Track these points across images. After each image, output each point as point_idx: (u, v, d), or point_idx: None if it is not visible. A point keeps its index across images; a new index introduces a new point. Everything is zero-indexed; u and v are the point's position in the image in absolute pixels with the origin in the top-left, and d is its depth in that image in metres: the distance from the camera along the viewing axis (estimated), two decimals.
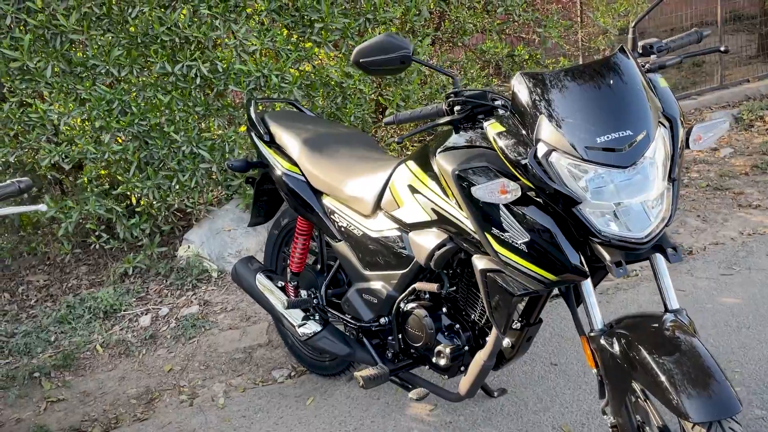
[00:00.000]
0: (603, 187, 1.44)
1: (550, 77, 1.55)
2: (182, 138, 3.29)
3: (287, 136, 2.39)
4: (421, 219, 1.90)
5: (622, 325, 1.55)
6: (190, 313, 3.22)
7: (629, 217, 1.44)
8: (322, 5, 3.26)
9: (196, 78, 3.24)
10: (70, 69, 3.13)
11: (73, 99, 3.17)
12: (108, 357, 3.00)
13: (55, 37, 3.08)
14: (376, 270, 2.12)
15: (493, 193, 1.54)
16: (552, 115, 1.49)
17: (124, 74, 3.20)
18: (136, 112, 3.21)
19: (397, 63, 1.68)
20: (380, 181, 2.07)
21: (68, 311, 3.31)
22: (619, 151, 1.42)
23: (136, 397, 2.71)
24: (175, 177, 3.36)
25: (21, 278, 3.75)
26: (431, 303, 2.01)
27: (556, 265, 1.55)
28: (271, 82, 3.25)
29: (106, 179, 3.50)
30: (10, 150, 3.12)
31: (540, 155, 1.49)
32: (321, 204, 2.29)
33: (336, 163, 2.25)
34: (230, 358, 2.88)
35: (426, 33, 3.63)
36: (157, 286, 3.53)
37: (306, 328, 2.29)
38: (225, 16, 3.20)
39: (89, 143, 3.20)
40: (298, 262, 2.48)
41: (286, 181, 2.33)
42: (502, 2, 3.75)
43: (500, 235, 1.60)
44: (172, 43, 3.20)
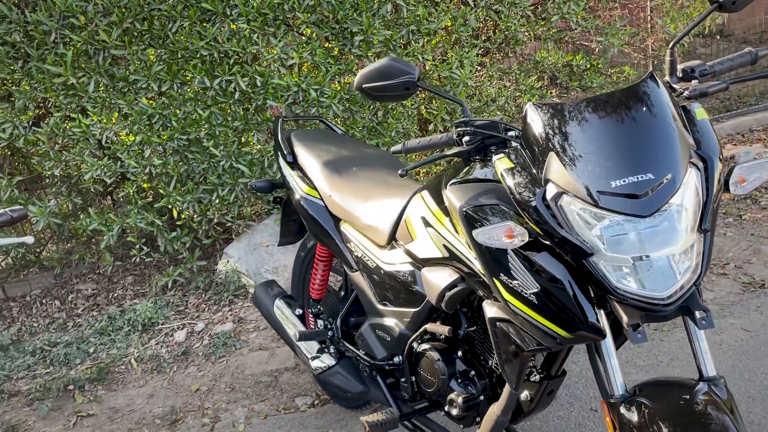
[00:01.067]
0: (620, 236, 1.24)
1: (567, 108, 1.36)
2: (221, 152, 3.27)
3: (308, 157, 2.29)
4: (433, 255, 1.74)
5: (647, 392, 1.34)
6: (224, 330, 3.18)
7: (650, 273, 1.24)
8: (363, 17, 3.15)
9: (234, 92, 3.21)
10: (112, 84, 3.17)
11: (116, 113, 3.20)
12: (141, 372, 3.01)
13: (97, 53, 3.12)
14: (389, 305, 1.98)
15: (498, 238, 1.37)
16: (564, 152, 1.30)
17: (165, 89, 3.20)
18: (177, 126, 3.21)
19: (401, 89, 1.54)
20: (396, 211, 1.93)
21: (109, 323, 3.35)
22: (638, 197, 1.22)
23: (161, 417, 2.68)
24: (215, 191, 3.34)
25: (72, 286, 3.85)
26: (445, 345, 1.85)
27: (570, 321, 1.36)
28: (310, 97, 3.17)
29: (149, 193, 3.53)
30: (55, 164, 3.18)
31: (549, 197, 1.31)
32: (339, 231, 2.17)
33: (354, 187, 2.12)
34: (256, 381, 2.81)
35: (474, 43, 3.44)
36: (196, 299, 3.53)
37: (319, 362, 2.17)
38: (264, 30, 3.15)
39: (131, 157, 3.23)
40: (318, 289, 2.37)
41: (305, 205, 2.23)
42: (558, 10, 3.51)
43: (509, 282, 1.43)
44: (211, 58, 3.18)
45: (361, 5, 3.16)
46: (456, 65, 3.34)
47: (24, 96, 3.09)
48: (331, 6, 3.17)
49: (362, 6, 3.16)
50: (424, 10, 3.23)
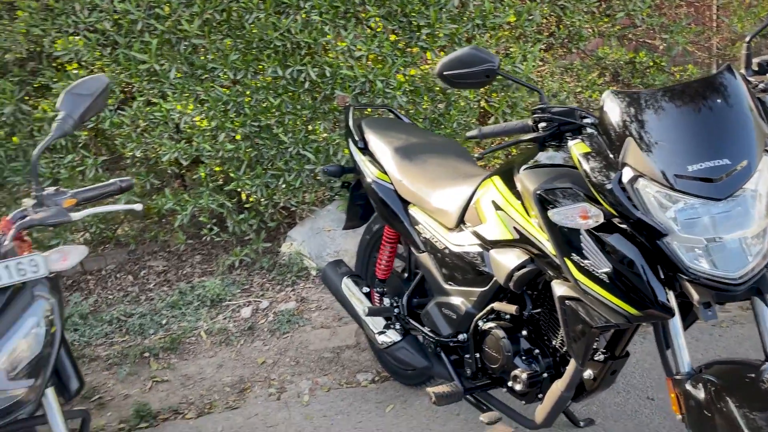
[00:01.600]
0: (694, 219, 1.31)
1: (644, 96, 1.43)
2: (290, 139, 3.42)
3: (379, 143, 2.40)
4: (502, 237, 1.83)
5: (712, 370, 1.41)
6: (287, 308, 3.34)
7: (722, 254, 1.30)
8: (430, 11, 3.24)
9: (305, 82, 3.35)
10: (191, 71, 3.35)
11: (193, 99, 3.38)
12: (210, 344, 3.19)
13: (179, 42, 3.30)
14: (456, 285, 2.08)
15: (573, 218, 1.46)
16: (641, 137, 1.38)
17: (240, 77, 3.37)
18: (249, 113, 3.37)
19: (481, 77, 1.63)
20: (465, 195, 2.02)
21: (180, 297, 3.55)
22: (713, 181, 1.28)
23: (230, 386, 2.85)
24: (282, 176, 3.49)
25: (144, 263, 4.07)
26: (511, 324, 1.94)
27: (640, 300, 1.44)
28: (376, 87, 3.29)
29: (220, 176, 3.71)
30: (136, 145, 3.39)
31: (625, 180, 1.38)
32: (407, 214, 2.28)
33: (424, 173, 2.23)
34: (319, 357, 2.95)
35: (538, 38, 3.49)
36: (261, 279, 3.69)
37: (385, 337, 2.29)
38: (335, 23, 3.28)
39: (205, 141, 3.41)
40: (384, 270, 2.48)
41: (375, 189, 2.35)
42: (623, 6, 3.53)
43: (580, 261, 1.51)
44: (284, 48, 3.33)
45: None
46: (519, 59, 3.40)
47: (111, 81, 3.30)
48: (399, 0, 3.28)
49: (429, 0, 3.26)
50: (490, 4, 3.30)
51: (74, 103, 1.60)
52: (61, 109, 1.59)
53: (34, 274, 1.38)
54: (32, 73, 3.38)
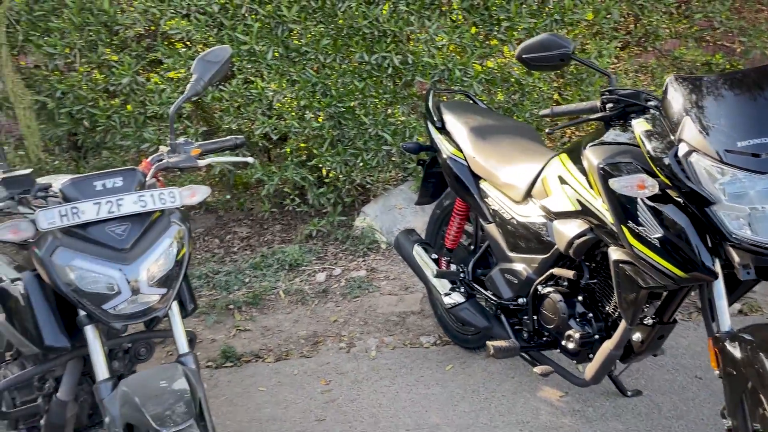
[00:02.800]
0: (740, 191, 1.48)
1: (704, 81, 1.60)
2: (370, 121, 3.68)
3: (456, 123, 2.62)
4: (566, 209, 2.02)
5: (749, 330, 1.57)
6: (358, 276, 3.61)
7: (764, 223, 1.46)
8: (511, 5, 3.43)
9: (388, 68, 3.60)
10: (286, 54, 3.66)
11: (286, 80, 3.70)
12: (287, 302, 3.50)
13: (278, 26, 3.62)
14: (519, 253, 2.28)
15: (631, 187, 1.64)
16: (697, 117, 1.55)
17: (329, 61, 3.66)
18: (335, 95, 3.65)
19: (556, 60, 1.83)
20: (534, 171, 2.22)
21: (261, 260, 3.88)
22: (760, 156, 1.45)
23: (304, 338, 3.14)
24: (360, 155, 3.76)
25: (229, 228, 4.45)
26: (568, 290, 2.13)
27: (687, 263, 1.61)
28: (455, 76, 3.51)
29: (304, 152, 4.02)
30: (233, 119, 3.73)
31: (681, 154, 1.56)
32: (478, 187, 2.49)
33: (496, 151, 2.44)
34: (386, 319, 3.21)
35: (614, 36, 3.62)
36: (335, 249, 3.98)
37: (451, 298, 2.52)
38: (420, 13, 3.52)
39: (294, 119, 3.72)
40: (453, 239, 2.71)
41: (450, 164, 2.57)
42: (702, 8, 3.61)
43: (635, 228, 1.69)
44: (372, 36, 3.59)
45: None
46: (595, 55, 3.55)
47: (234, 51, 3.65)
48: None
49: None
50: (570, 1, 3.46)
51: (204, 67, 1.90)
52: (195, 73, 1.89)
53: (172, 203, 1.68)
54: (147, 49, 3.77)
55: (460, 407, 2.49)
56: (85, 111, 3.71)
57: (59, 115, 3.76)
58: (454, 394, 2.58)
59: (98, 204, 1.58)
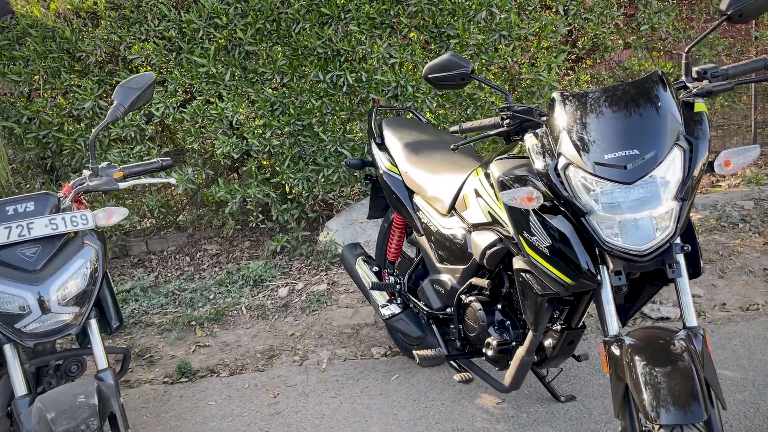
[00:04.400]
0: (611, 201, 1.55)
1: (586, 96, 1.68)
2: (329, 138, 3.77)
3: (393, 139, 2.71)
4: (480, 220, 2.10)
5: (634, 334, 1.63)
6: (319, 290, 3.69)
7: (632, 231, 1.53)
8: (459, 22, 3.52)
9: (343, 86, 3.70)
10: (244, 75, 3.77)
11: (245, 100, 3.80)
12: (249, 317, 3.57)
13: (234, 48, 3.73)
14: (445, 264, 2.36)
15: (519, 200, 1.71)
16: (574, 131, 1.63)
17: (286, 81, 3.76)
18: (294, 113, 3.75)
19: (457, 79, 1.91)
20: (457, 184, 2.30)
21: (227, 276, 3.97)
22: (625, 167, 1.52)
23: (261, 352, 3.22)
24: (321, 171, 3.85)
25: (200, 246, 4.54)
26: (488, 299, 2.20)
27: (573, 270, 1.68)
28: (407, 92, 3.60)
29: (268, 169, 4.11)
30: (194, 139, 3.83)
31: (560, 167, 1.63)
32: (412, 202, 2.57)
33: (427, 165, 2.52)
34: (340, 332, 3.28)
35: (562, 49, 3.70)
36: (299, 264, 4.06)
37: (387, 309, 2.59)
38: (372, 32, 3.61)
39: (255, 138, 3.82)
40: (394, 252, 2.78)
41: (386, 179, 2.65)
42: (648, 19, 3.69)
43: (529, 238, 1.76)
44: (326, 55, 3.69)
45: (458, 12, 3.54)
46: (544, 69, 3.63)
47: (175, 82, 3.77)
48: (431, 12, 3.58)
49: (459, 12, 3.54)
50: (516, 17, 3.55)
51: (126, 94, 2.00)
52: (115, 99, 1.99)
53: (84, 225, 1.77)
54: (109, 74, 3.89)
55: (400, 416, 2.56)
56: (51, 135, 3.82)
57: (27, 140, 3.88)
58: (395, 403, 2.64)
59: (8, 228, 1.67)
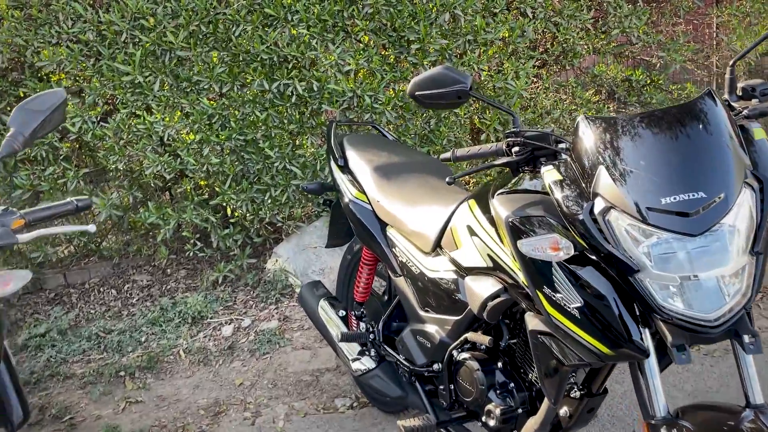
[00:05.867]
0: (668, 255, 1.23)
1: (620, 122, 1.35)
2: (276, 154, 3.35)
3: (358, 162, 2.33)
4: (477, 264, 1.75)
5: (689, 416, 1.31)
6: (269, 328, 3.25)
7: (697, 294, 1.21)
8: (420, 26, 3.18)
9: (291, 96, 3.28)
10: (176, 84, 3.29)
11: (178, 112, 3.33)
12: (188, 363, 3.10)
13: (164, 54, 3.25)
14: (431, 312, 1.99)
15: (543, 250, 1.37)
16: (614, 166, 1.29)
17: (226, 90, 3.31)
18: (235, 126, 3.31)
19: (453, 97, 1.56)
20: (442, 218, 1.94)
21: (161, 314, 3.47)
22: (688, 215, 1.20)
23: (204, 408, 2.76)
24: (268, 191, 3.42)
25: (128, 277, 4.00)
26: (486, 355, 1.85)
27: (613, 338, 1.35)
28: (364, 103, 3.22)
29: (205, 190, 3.64)
30: (119, 158, 3.32)
31: (596, 212, 1.30)
32: (385, 235, 2.20)
33: (402, 193, 2.15)
34: (298, 380, 2.86)
35: (530, 55, 3.42)
36: (245, 296, 3.61)
37: (360, 364, 2.20)
38: (323, 36, 3.22)
39: (190, 155, 3.34)
40: (362, 292, 2.40)
41: (353, 208, 2.27)
42: (619, 23, 3.46)
43: (552, 295, 1.42)
44: (271, 62, 3.27)
45: (419, 14, 3.20)
46: (511, 76, 3.33)
47: (94, 92, 3.25)
48: (389, 14, 3.22)
49: (420, 15, 3.19)
50: (482, 20, 3.23)
51: (26, 119, 1.53)
52: (11, 126, 1.52)
53: None
54: (14, 84, 3.33)
55: None
56: None
57: None
58: None
59: None
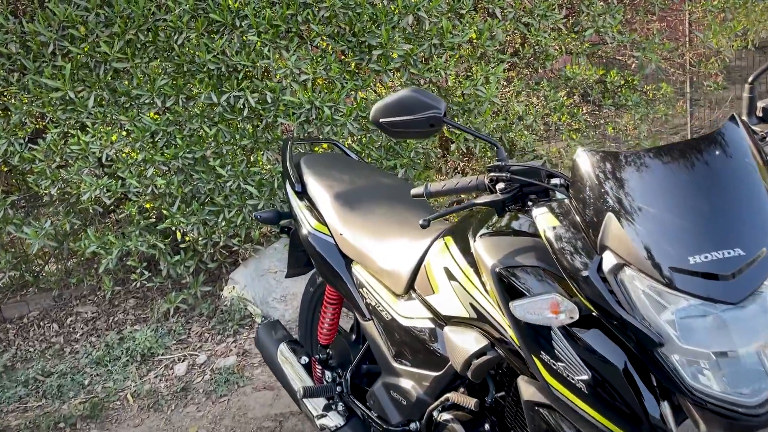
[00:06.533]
0: (699, 325, 1.00)
1: (629, 159, 1.12)
2: (229, 172, 3.06)
3: (318, 187, 2.06)
4: (457, 313, 1.50)
5: None
6: (227, 365, 2.97)
7: (736, 372, 0.99)
8: (382, 30, 2.92)
9: (243, 109, 2.99)
10: (113, 99, 2.97)
11: (117, 130, 3.01)
12: (137, 409, 2.80)
13: (98, 66, 2.92)
14: (406, 364, 1.74)
15: (540, 312, 1.13)
16: (626, 213, 1.06)
17: (170, 104, 3.00)
18: (181, 144, 3.01)
19: (425, 125, 1.31)
20: (415, 256, 1.69)
21: (106, 352, 3.15)
22: (723, 278, 0.97)
23: None
24: (221, 213, 3.13)
25: (71, 309, 3.66)
26: (470, 416, 1.61)
27: (628, 416, 1.11)
28: (324, 115, 2.95)
29: (152, 213, 3.32)
30: (52, 182, 2.99)
31: (606, 269, 1.06)
32: (350, 273, 1.94)
33: (368, 224, 1.89)
34: (258, 426, 2.59)
35: (501, 59, 3.20)
36: (200, 327, 3.31)
37: (326, 420, 1.94)
38: (276, 43, 2.93)
39: (132, 176, 3.03)
40: (326, 335, 2.14)
41: (312, 242, 2.01)
42: (592, 23, 3.25)
43: (551, 363, 1.19)
44: (219, 72, 2.97)
45: (380, 17, 2.94)
46: (481, 81, 3.10)
47: (20, 111, 2.91)
48: (347, 18, 2.95)
49: (381, 18, 2.93)
50: (448, 22, 2.99)
51: None
52: None
53: None
54: None
55: None
56: None
57: None
58: None
59: None
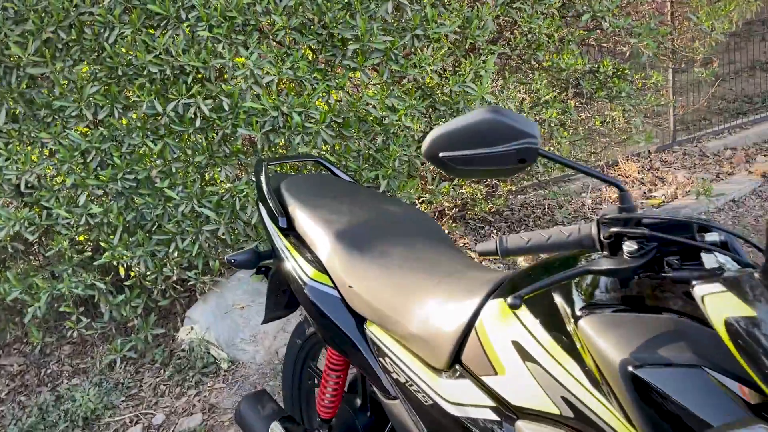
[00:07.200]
0: None
1: None
2: (180, 194, 2.56)
3: (311, 223, 1.61)
4: (538, 406, 1.10)
5: None
6: (190, 426, 2.48)
7: None
8: (358, 20, 2.47)
9: (195, 119, 2.49)
10: (31, 112, 2.42)
11: (37, 150, 2.45)
12: None
13: (9, 72, 2.36)
14: None
15: None
16: None
17: (102, 116, 2.47)
18: (119, 163, 2.48)
19: (511, 161, 0.90)
20: (458, 317, 1.28)
21: (40, 418, 2.61)
22: None
23: None
24: (172, 242, 2.63)
25: None
26: None
27: None
28: (293, 122, 2.49)
29: (87, 246, 2.78)
30: None
31: None
32: (364, 336, 1.51)
33: (385, 273, 1.46)
34: None
35: (491, 50, 2.81)
36: (153, 378, 2.80)
37: None
38: (231, 39, 2.44)
39: (60, 205, 2.49)
40: (328, 407, 1.70)
41: (311, 297, 1.56)
42: (588, 7, 2.91)
43: None
44: (163, 75, 2.46)
45: (354, 5, 2.49)
46: (471, 77, 2.71)
47: None
48: (316, 6, 2.49)
49: (356, 6, 2.49)
50: (433, 10, 2.58)
51: None
52: None
53: None
54: None
55: None
56: None
57: None
58: None
59: None
